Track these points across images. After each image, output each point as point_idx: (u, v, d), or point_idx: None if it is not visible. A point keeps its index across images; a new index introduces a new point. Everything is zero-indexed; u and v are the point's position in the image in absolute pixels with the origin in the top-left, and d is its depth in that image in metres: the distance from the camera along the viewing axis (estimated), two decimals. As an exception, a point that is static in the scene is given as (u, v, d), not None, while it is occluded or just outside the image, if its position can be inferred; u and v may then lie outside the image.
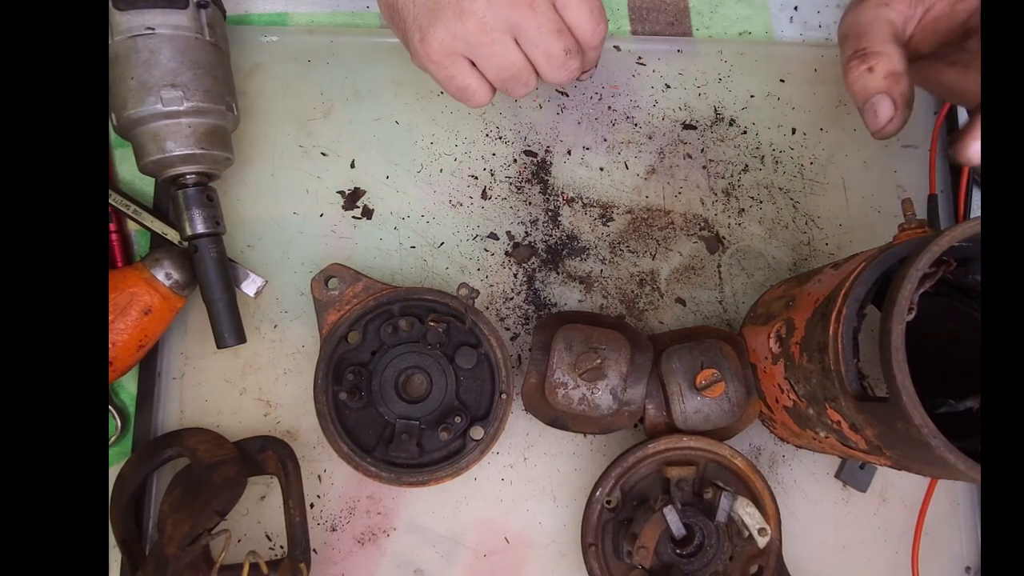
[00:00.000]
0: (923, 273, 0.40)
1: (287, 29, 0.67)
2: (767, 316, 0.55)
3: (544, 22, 0.50)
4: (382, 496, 0.60)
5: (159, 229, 0.61)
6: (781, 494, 0.60)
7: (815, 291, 0.50)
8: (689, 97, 0.68)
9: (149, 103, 0.53)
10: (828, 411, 0.47)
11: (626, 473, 0.56)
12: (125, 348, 0.56)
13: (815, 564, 0.61)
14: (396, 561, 0.59)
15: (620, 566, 0.56)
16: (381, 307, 0.57)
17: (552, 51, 0.51)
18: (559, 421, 0.57)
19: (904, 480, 0.62)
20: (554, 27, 0.51)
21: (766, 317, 0.55)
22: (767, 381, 0.55)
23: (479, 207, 0.64)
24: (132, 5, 0.53)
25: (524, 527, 0.60)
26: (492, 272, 0.63)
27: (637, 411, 0.57)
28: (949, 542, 0.62)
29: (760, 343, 0.55)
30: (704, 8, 0.70)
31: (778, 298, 0.55)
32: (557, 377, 0.55)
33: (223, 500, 0.53)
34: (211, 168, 0.57)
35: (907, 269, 0.40)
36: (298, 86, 0.66)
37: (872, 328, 0.48)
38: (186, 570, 0.52)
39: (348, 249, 0.63)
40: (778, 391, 0.53)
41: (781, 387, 0.52)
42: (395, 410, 0.56)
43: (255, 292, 0.62)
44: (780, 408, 0.54)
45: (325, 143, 0.65)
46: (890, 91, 0.46)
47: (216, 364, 0.61)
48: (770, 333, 0.53)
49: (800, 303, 0.51)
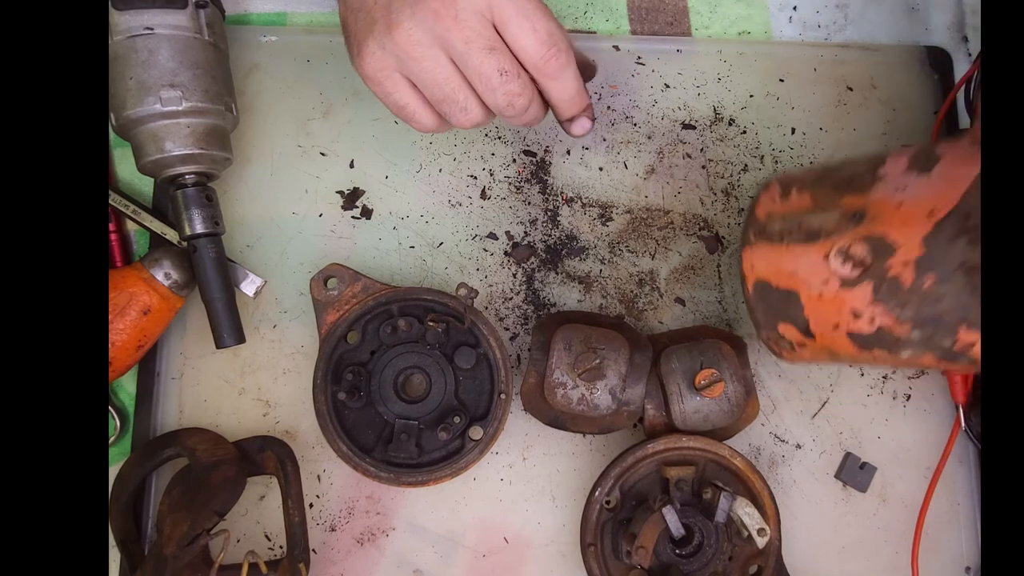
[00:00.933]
0: None
1: (286, 29, 0.67)
2: (809, 233, 0.47)
3: (472, 36, 0.46)
4: (381, 496, 0.60)
5: (158, 229, 0.61)
6: (780, 494, 0.60)
7: (916, 200, 0.44)
8: (688, 97, 0.68)
9: (148, 103, 0.53)
10: (961, 332, 0.44)
11: (625, 473, 0.56)
12: (124, 348, 0.56)
13: (815, 564, 0.61)
14: (395, 561, 0.59)
15: (619, 566, 0.56)
16: (380, 307, 0.57)
17: (482, 70, 0.47)
18: (558, 421, 0.57)
19: (904, 480, 0.62)
20: (485, 44, 0.46)
21: (807, 234, 0.47)
22: (823, 308, 0.47)
23: (478, 207, 0.64)
24: (131, 5, 0.53)
25: (523, 527, 0.60)
26: (491, 272, 0.63)
27: (636, 411, 0.57)
28: (949, 542, 0.62)
29: (810, 265, 0.47)
30: (703, 8, 0.70)
31: (816, 211, 0.47)
32: (556, 377, 0.55)
33: (222, 500, 0.53)
34: (210, 168, 0.57)
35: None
36: (297, 86, 0.66)
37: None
38: (185, 570, 0.52)
39: (347, 249, 0.63)
40: (849, 317, 0.46)
41: (857, 312, 0.46)
42: (394, 410, 0.56)
43: (254, 292, 0.62)
44: (840, 334, 0.47)
45: (324, 143, 0.65)
46: None
47: (215, 364, 0.61)
48: (829, 253, 0.46)
49: (890, 217, 0.44)
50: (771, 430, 0.62)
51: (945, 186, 0.43)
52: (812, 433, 0.63)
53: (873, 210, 0.45)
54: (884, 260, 0.44)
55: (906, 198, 0.44)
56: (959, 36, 0.70)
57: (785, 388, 0.63)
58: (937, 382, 0.64)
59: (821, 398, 0.63)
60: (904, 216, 0.44)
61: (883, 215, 0.44)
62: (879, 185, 0.45)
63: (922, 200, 0.43)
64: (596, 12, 0.69)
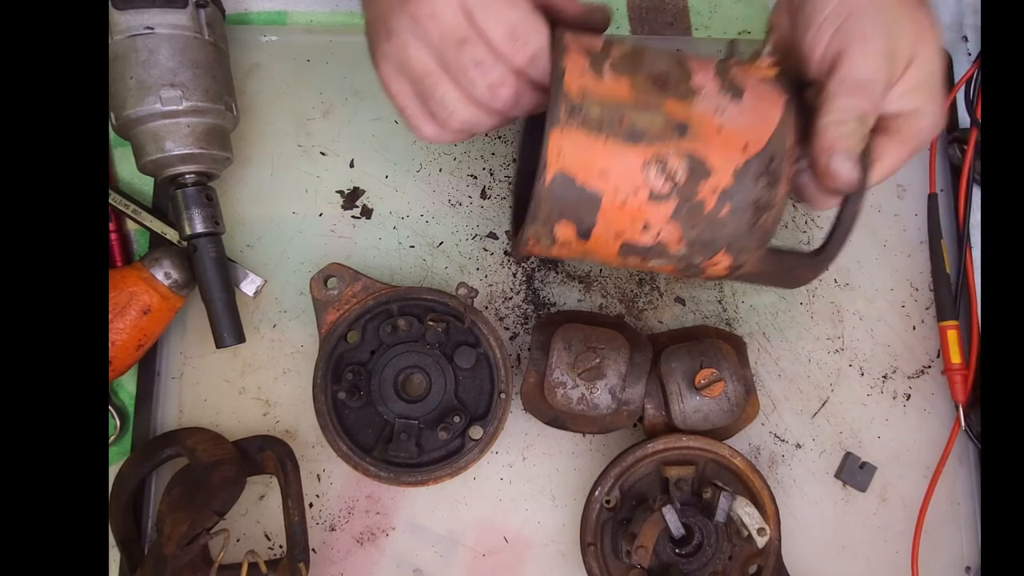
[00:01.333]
0: None
1: (286, 29, 0.67)
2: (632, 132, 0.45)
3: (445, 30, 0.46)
4: (381, 496, 0.60)
5: (158, 229, 0.61)
6: (780, 494, 0.60)
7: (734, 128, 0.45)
8: (688, 97, 0.68)
9: (148, 103, 0.53)
10: (719, 255, 0.48)
11: (625, 473, 0.56)
12: (124, 348, 0.56)
13: (815, 564, 0.61)
14: (395, 561, 0.59)
15: (619, 566, 0.56)
16: (380, 307, 0.57)
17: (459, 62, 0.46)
18: (558, 421, 0.57)
19: (904, 480, 0.62)
20: (457, 36, 0.46)
21: (629, 133, 0.45)
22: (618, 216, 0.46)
23: (478, 206, 0.64)
24: (131, 4, 0.53)
25: (523, 527, 0.60)
26: (491, 271, 0.63)
27: (636, 411, 0.57)
28: (949, 542, 0.62)
29: (625, 169, 0.45)
30: (703, 8, 0.70)
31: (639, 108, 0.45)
32: (556, 377, 0.55)
33: (222, 500, 0.53)
34: (210, 168, 0.57)
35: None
36: (297, 86, 0.66)
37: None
38: (185, 570, 0.52)
39: (347, 249, 0.63)
40: (638, 228, 0.47)
41: (648, 226, 0.46)
42: (394, 409, 0.56)
43: (254, 292, 0.62)
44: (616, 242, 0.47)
45: (324, 143, 0.65)
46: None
47: (215, 364, 0.61)
48: (647, 160, 0.45)
49: (709, 139, 0.45)
50: (771, 430, 0.62)
51: (756, 122, 0.45)
52: (812, 433, 0.63)
53: (696, 126, 0.45)
54: (696, 183, 0.45)
55: (725, 124, 0.45)
56: (959, 35, 0.70)
57: (785, 388, 0.63)
58: (937, 382, 0.64)
59: (821, 398, 0.63)
60: (723, 143, 0.45)
61: (705, 135, 0.45)
62: (699, 100, 0.45)
63: (739, 131, 0.45)
64: (596, 12, 0.69)
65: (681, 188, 0.45)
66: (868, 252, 0.66)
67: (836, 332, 0.64)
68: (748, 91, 0.46)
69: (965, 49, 0.70)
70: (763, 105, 0.46)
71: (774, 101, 0.46)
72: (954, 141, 0.66)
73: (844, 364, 0.64)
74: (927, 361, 0.64)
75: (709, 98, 0.46)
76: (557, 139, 0.44)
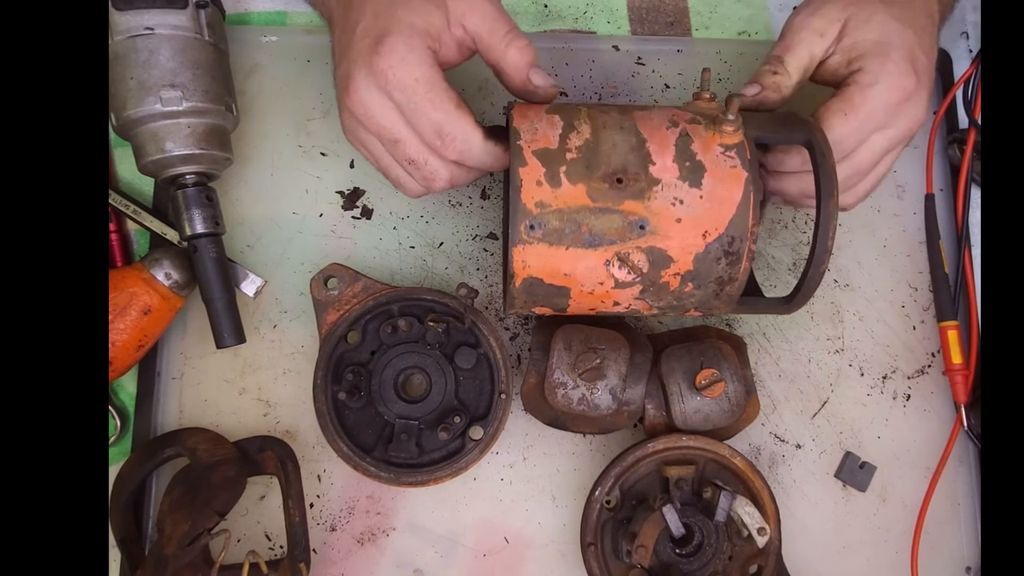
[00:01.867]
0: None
1: (286, 29, 0.67)
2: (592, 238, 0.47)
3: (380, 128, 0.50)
4: (381, 496, 0.60)
5: (159, 229, 0.61)
6: (780, 494, 0.60)
7: (693, 218, 0.47)
8: (688, 97, 0.67)
9: (148, 103, 0.53)
10: (692, 311, 0.53)
11: (625, 472, 0.56)
12: (124, 348, 0.56)
13: (815, 564, 0.61)
14: (395, 561, 0.59)
15: (619, 566, 0.56)
16: (380, 307, 0.57)
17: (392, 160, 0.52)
18: (559, 421, 0.57)
19: (904, 480, 0.62)
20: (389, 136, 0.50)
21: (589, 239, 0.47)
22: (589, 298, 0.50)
23: (478, 207, 0.64)
24: (131, 5, 0.53)
25: (523, 527, 0.60)
26: (491, 272, 0.63)
27: (636, 411, 0.57)
28: (949, 542, 0.62)
29: (588, 268, 0.48)
30: (703, 8, 0.70)
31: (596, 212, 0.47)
32: (556, 377, 0.55)
33: (222, 500, 0.53)
34: (210, 168, 0.57)
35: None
36: (297, 86, 0.66)
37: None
38: (185, 570, 0.52)
39: (347, 249, 0.63)
40: (608, 303, 0.51)
41: (618, 302, 0.51)
42: (394, 410, 0.56)
43: (254, 292, 0.62)
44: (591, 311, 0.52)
45: (324, 143, 0.65)
46: (765, 88, 0.54)
47: (215, 364, 0.61)
48: (609, 259, 0.48)
49: (668, 232, 0.47)
50: (771, 430, 0.62)
51: (716, 207, 0.48)
52: (812, 433, 0.63)
53: (655, 222, 0.48)
54: (659, 271, 0.49)
55: (684, 215, 0.48)
56: (958, 33, 0.70)
57: (785, 388, 0.63)
58: (937, 382, 0.64)
59: (821, 398, 0.63)
60: (682, 233, 0.48)
61: (664, 229, 0.48)
62: (657, 191, 0.48)
63: (698, 219, 0.48)
64: (596, 12, 0.69)
65: (644, 276, 0.49)
66: (868, 252, 0.66)
67: (836, 332, 0.64)
68: (709, 172, 0.48)
69: (965, 47, 0.70)
70: (723, 187, 0.48)
71: (735, 180, 0.48)
72: (953, 141, 0.66)
73: (844, 364, 0.64)
74: (927, 361, 0.64)
75: (668, 189, 0.48)
76: (520, 254, 0.48)
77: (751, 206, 0.48)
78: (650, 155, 0.48)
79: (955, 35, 0.70)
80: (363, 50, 0.49)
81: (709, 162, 0.48)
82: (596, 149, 0.48)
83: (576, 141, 0.48)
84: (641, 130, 0.49)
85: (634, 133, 0.49)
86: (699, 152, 0.49)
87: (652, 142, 0.49)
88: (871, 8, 0.54)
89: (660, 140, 0.49)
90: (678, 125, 0.50)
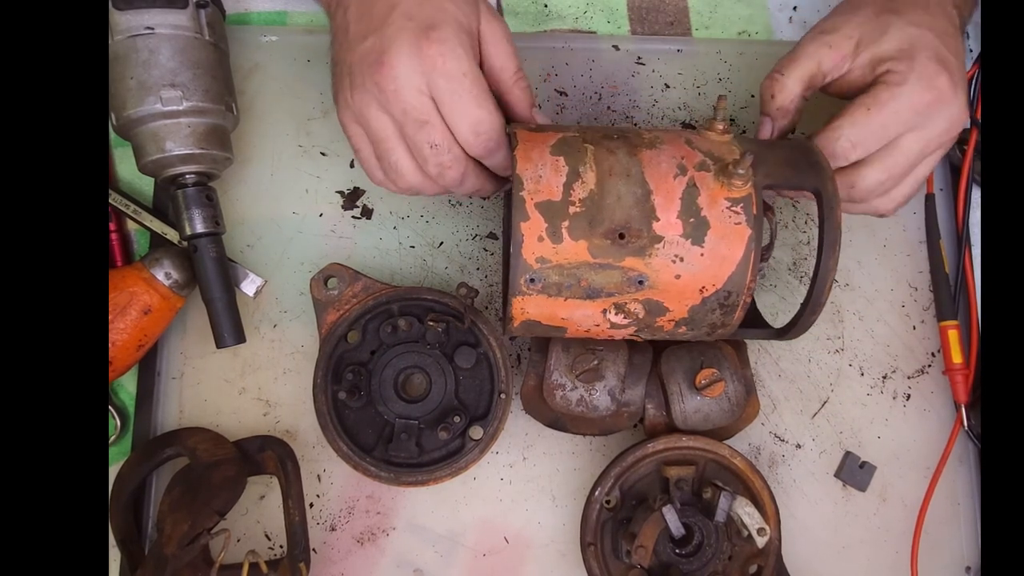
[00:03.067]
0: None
1: (287, 29, 0.67)
2: (590, 291, 0.48)
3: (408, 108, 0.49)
4: (381, 496, 0.60)
5: (159, 229, 0.61)
6: (780, 494, 0.60)
7: (692, 274, 0.48)
8: (688, 97, 0.68)
9: (149, 103, 0.53)
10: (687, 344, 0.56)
11: (625, 473, 0.56)
12: (124, 348, 0.56)
13: (815, 564, 0.61)
14: (395, 561, 0.59)
15: (619, 566, 0.56)
16: (380, 307, 0.57)
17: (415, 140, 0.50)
18: (558, 423, 0.57)
19: (904, 480, 0.62)
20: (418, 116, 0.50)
21: (588, 291, 0.48)
22: (585, 333, 0.52)
23: (479, 207, 0.64)
24: (132, 5, 0.53)
25: (523, 527, 0.60)
26: (491, 272, 0.63)
27: (636, 412, 0.57)
28: (949, 542, 0.62)
29: (586, 315, 0.50)
30: (704, 8, 0.70)
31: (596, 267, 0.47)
32: (555, 379, 0.55)
33: (222, 500, 0.53)
34: (211, 168, 0.57)
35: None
36: (297, 86, 0.66)
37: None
38: (185, 570, 0.52)
39: (347, 249, 0.63)
40: (604, 338, 0.53)
41: (613, 337, 0.52)
42: (394, 410, 0.56)
43: (254, 292, 0.62)
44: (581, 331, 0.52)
45: (324, 143, 0.65)
46: (775, 120, 0.55)
47: (215, 364, 0.61)
48: (606, 308, 0.49)
49: (666, 287, 0.48)
50: (771, 430, 0.62)
51: (716, 265, 0.48)
52: (812, 433, 0.63)
53: (654, 277, 0.48)
54: (654, 318, 0.50)
55: (684, 272, 0.48)
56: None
57: (785, 388, 0.63)
58: (937, 382, 0.64)
59: (821, 398, 0.63)
60: (680, 289, 0.49)
61: (663, 284, 0.48)
62: (659, 248, 0.48)
63: (697, 276, 0.48)
64: (596, 12, 0.69)
65: (640, 320, 0.50)
66: (868, 252, 0.66)
67: (836, 332, 0.64)
68: (712, 229, 0.48)
69: (966, 46, 0.70)
70: (725, 245, 0.48)
71: (738, 238, 0.48)
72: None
73: (844, 364, 0.64)
74: (927, 361, 0.64)
75: (670, 246, 0.48)
76: (519, 303, 0.49)
77: (751, 264, 0.48)
78: (655, 210, 0.48)
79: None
80: (408, 31, 0.49)
81: (714, 218, 0.48)
82: (600, 202, 0.47)
83: (580, 192, 0.47)
84: (648, 179, 0.48)
85: (640, 183, 0.48)
86: (704, 207, 0.48)
87: (658, 194, 0.48)
88: (885, 21, 0.53)
89: (666, 192, 0.48)
90: (686, 173, 0.48)
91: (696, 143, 0.51)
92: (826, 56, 0.53)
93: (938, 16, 0.54)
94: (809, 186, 0.50)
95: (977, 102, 0.64)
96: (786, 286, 0.64)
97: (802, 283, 0.64)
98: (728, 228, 0.48)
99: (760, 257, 0.49)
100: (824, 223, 0.49)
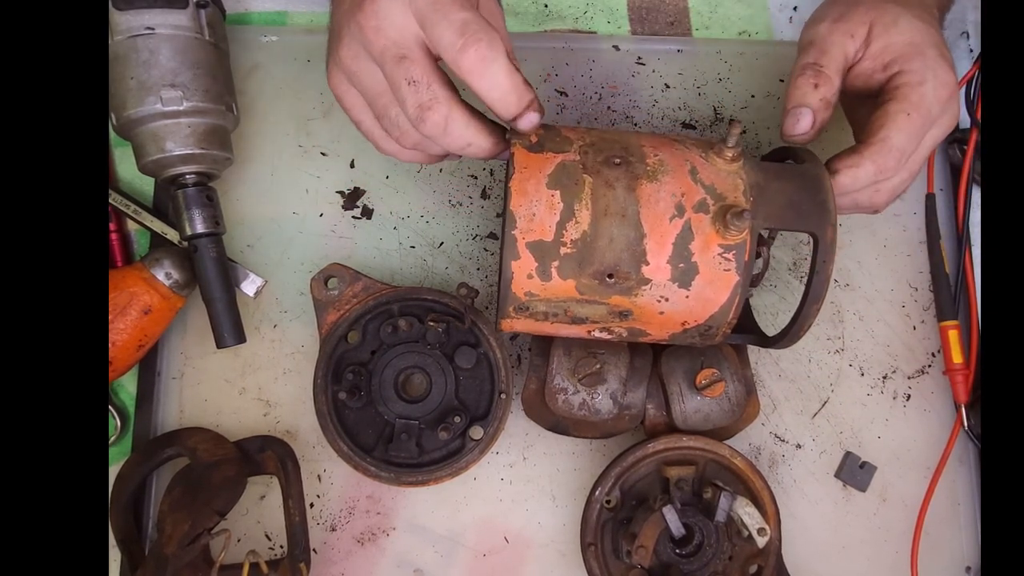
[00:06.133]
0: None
1: (287, 29, 0.67)
2: (576, 319, 0.50)
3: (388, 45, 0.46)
4: (382, 496, 0.60)
5: (159, 229, 0.61)
6: (780, 494, 0.60)
7: (675, 312, 0.49)
8: (688, 97, 0.68)
9: (149, 103, 0.53)
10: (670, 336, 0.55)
11: (625, 473, 0.56)
12: (125, 348, 0.56)
13: (815, 564, 0.61)
14: (396, 561, 0.59)
15: (619, 566, 0.56)
16: (381, 307, 0.57)
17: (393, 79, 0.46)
18: (560, 426, 0.57)
19: (904, 480, 0.62)
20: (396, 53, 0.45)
21: (574, 319, 0.50)
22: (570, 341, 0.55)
23: (479, 207, 0.64)
24: (132, 5, 0.53)
25: (523, 527, 0.60)
26: (491, 272, 0.63)
27: (638, 415, 0.57)
28: (949, 542, 0.62)
29: (571, 333, 0.52)
30: (704, 8, 0.70)
31: (583, 302, 0.49)
32: (557, 383, 0.55)
33: (223, 500, 0.53)
34: (211, 168, 0.57)
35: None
36: (298, 86, 0.66)
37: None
38: (185, 570, 0.52)
39: (348, 249, 0.63)
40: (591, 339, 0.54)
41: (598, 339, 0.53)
42: (395, 410, 0.56)
43: (255, 292, 0.62)
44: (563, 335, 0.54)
45: (325, 143, 0.65)
46: (816, 112, 0.52)
47: (216, 364, 0.61)
48: (592, 331, 0.51)
49: (649, 320, 0.49)
50: (771, 430, 0.62)
51: (700, 306, 0.49)
52: (812, 433, 0.63)
53: (638, 313, 0.49)
54: (636, 337, 0.52)
55: (668, 310, 0.49)
56: (958, 33, 0.70)
57: (785, 388, 0.63)
58: (937, 382, 0.64)
59: (821, 398, 0.63)
60: (663, 322, 0.50)
61: (646, 318, 0.50)
62: (645, 290, 0.48)
63: (680, 314, 0.49)
64: (596, 12, 0.69)
65: (623, 338, 0.52)
66: (868, 252, 0.66)
67: (836, 332, 0.64)
68: (701, 274, 0.48)
69: (966, 46, 0.70)
70: (711, 289, 0.48)
71: (725, 284, 0.48)
72: (954, 141, 0.66)
73: (844, 364, 0.64)
74: (927, 361, 0.64)
75: (657, 288, 0.48)
76: (508, 323, 0.51)
77: (734, 306, 0.49)
78: (645, 254, 0.47)
79: (955, 35, 0.70)
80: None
81: (704, 264, 0.47)
82: (592, 244, 0.47)
83: (573, 233, 0.47)
84: (643, 220, 0.47)
85: (634, 225, 0.47)
86: (696, 252, 0.47)
87: (651, 238, 0.47)
88: (894, 11, 0.53)
89: (660, 236, 0.47)
90: (683, 215, 0.47)
91: (701, 173, 0.49)
92: (849, 44, 0.53)
93: (928, 8, 0.55)
94: (808, 229, 0.49)
95: (977, 102, 0.64)
96: (786, 286, 0.64)
97: (802, 283, 0.64)
98: (717, 274, 0.48)
99: (749, 286, 0.49)
100: (813, 274, 0.48)
